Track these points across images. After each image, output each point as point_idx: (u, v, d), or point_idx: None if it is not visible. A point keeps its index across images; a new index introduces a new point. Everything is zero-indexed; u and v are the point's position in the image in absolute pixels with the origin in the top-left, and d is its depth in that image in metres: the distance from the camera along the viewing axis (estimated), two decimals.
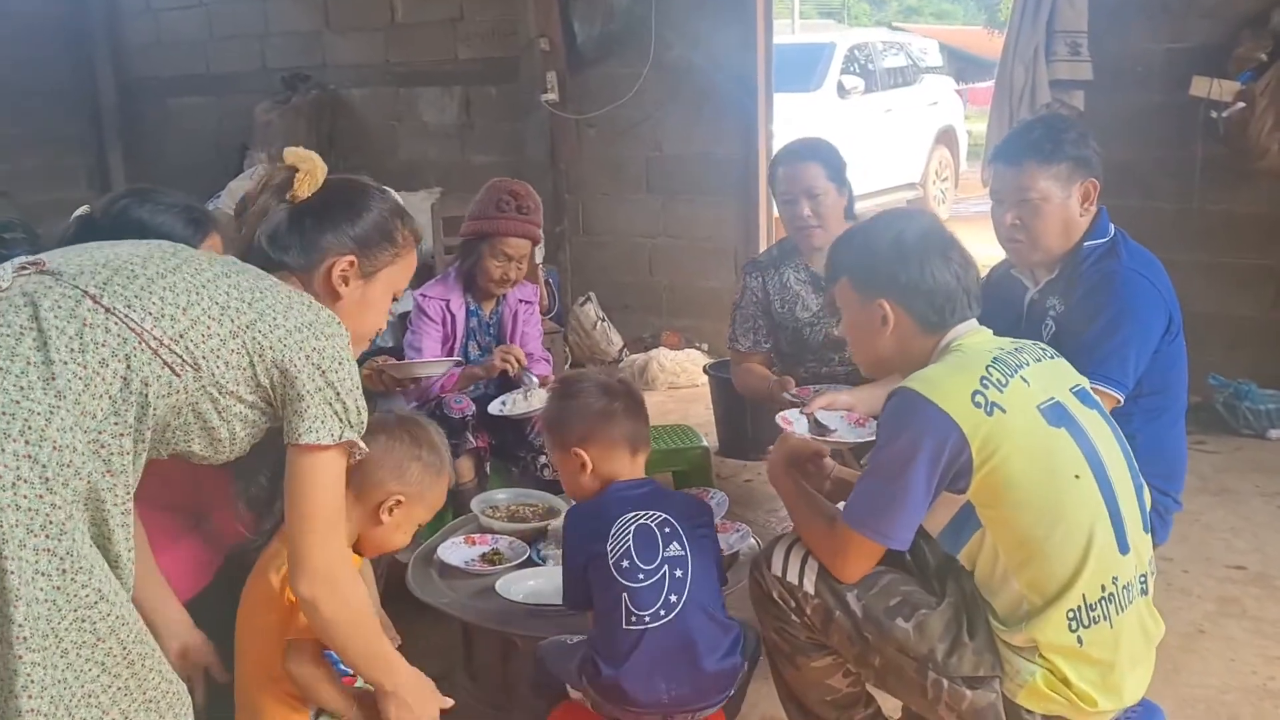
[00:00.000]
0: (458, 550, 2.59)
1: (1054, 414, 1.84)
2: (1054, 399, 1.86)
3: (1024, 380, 1.84)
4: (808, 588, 1.96)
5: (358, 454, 1.75)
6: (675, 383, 5.69)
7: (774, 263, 3.36)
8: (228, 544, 2.11)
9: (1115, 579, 1.81)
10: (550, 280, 5.63)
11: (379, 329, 2.02)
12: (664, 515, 2.03)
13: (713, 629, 1.99)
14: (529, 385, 3.27)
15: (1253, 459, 4.31)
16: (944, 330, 1.95)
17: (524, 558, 2.54)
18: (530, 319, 3.58)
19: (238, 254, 1.87)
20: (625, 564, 1.96)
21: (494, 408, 3.23)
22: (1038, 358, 1.92)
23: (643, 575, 1.96)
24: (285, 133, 6.92)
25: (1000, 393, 1.80)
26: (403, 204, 2.04)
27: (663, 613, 1.94)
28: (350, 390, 1.72)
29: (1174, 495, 2.59)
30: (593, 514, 2.06)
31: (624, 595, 1.94)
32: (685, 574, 1.97)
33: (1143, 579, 1.88)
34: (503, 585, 2.36)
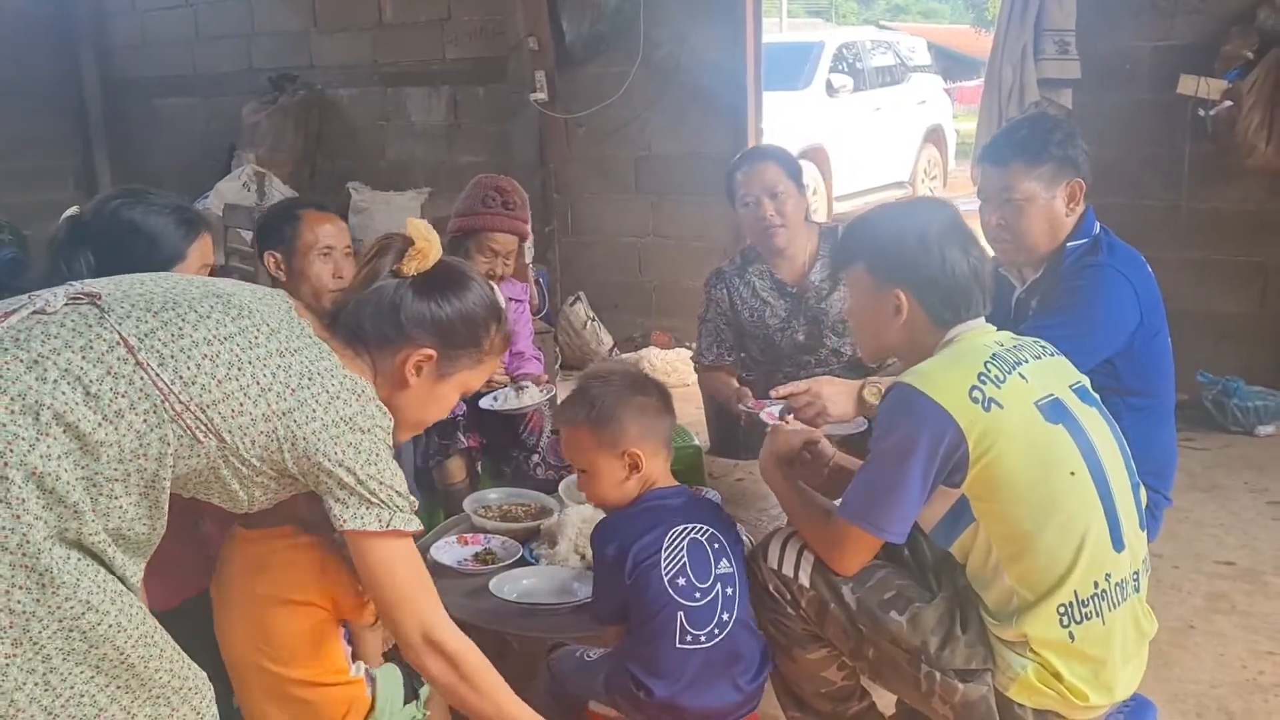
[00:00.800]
0: (450, 550, 2.58)
1: (1052, 411, 1.84)
2: (1053, 395, 1.86)
3: (1022, 377, 1.84)
4: (803, 581, 1.96)
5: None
6: (666, 382, 5.66)
7: (738, 271, 3.36)
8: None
9: (1108, 575, 1.81)
10: (540, 280, 5.63)
11: (440, 419, 1.94)
12: (712, 529, 1.98)
13: (754, 643, 1.99)
14: (519, 386, 3.28)
15: (1242, 455, 4.33)
16: (953, 326, 1.95)
17: (517, 557, 2.54)
18: (520, 317, 3.58)
19: (335, 309, 1.81)
20: (681, 581, 1.90)
21: (485, 402, 3.23)
22: (1037, 355, 1.93)
23: (699, 594, 1.91)
24: (273, 133, 6.92)
25: (998, 388, 1.80)
26: (502, 305, 1.93)
27: (716, 631, 1.92)
28: (389, 481, 1.69)
29: (1164, 492, 2.60)
30: (638, 526, 1.96)
31: (680, 614, 1.90)
32: (735, 591, 1.95)
33: (1136, 576, 1.88)
34: (496, 584, 2.36)
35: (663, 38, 5.66)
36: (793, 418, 2.37)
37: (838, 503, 2.13)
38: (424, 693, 2.03)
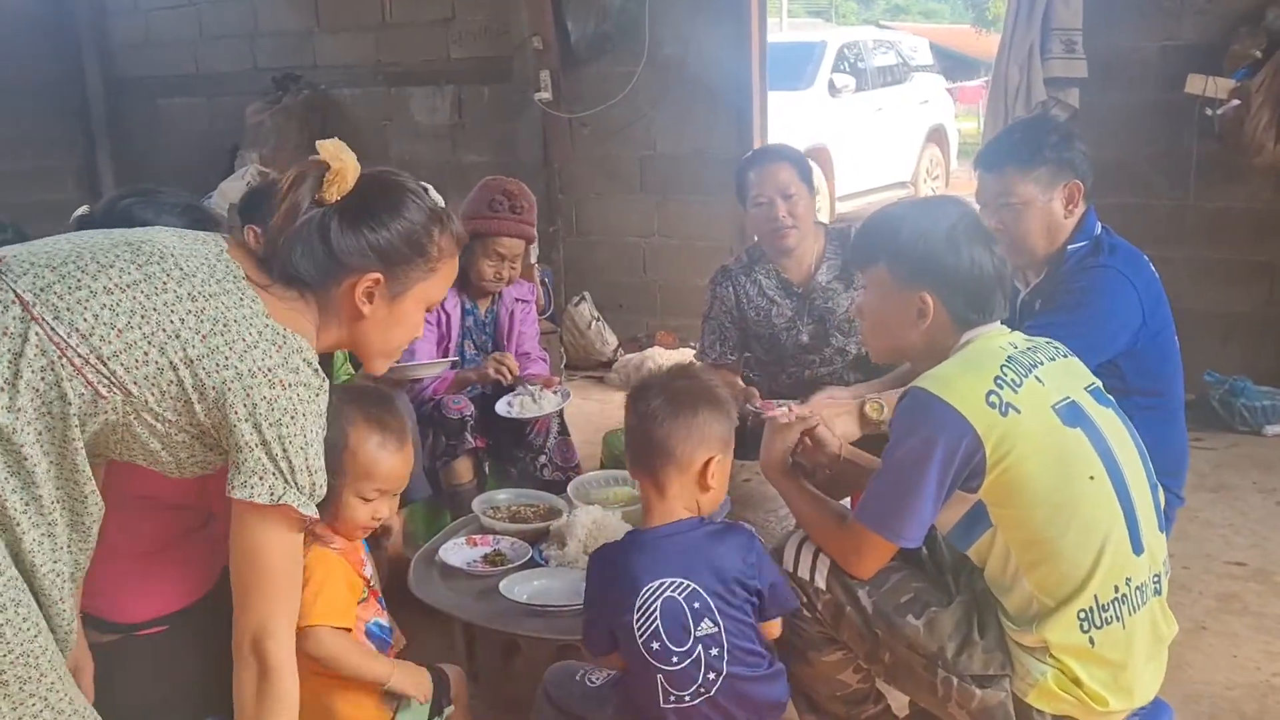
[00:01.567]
0: (459, 551, 2.58)
1: (1069, 414, 1.82)
2: (1069, 398, 1.84)
3: (1039, 380, 1.83)
4: (819, 583, 1.95)
5: (311, 525, 1.60)
6: None
7: (745, 269, 3.34)
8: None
9: (1128, 579, 1.80)
10: (545, 279, 5.62)
11: (413, 339, 1.82)
12: (693, 585, 1.81)
13: (757, 688, 1.87)
14: (529, 391, 3.26)
15: (1249, 455, 4.32)
16: (975, 327, 1.93)
17: (526, 559, 2.52)
18: (527, 318, 3.57)
19: (261, 257, 1.69)
20: (655, 646, 1.80)
21: (501, 408, 3.21)
22: (1051, 357, 1.91)
23: (675, 658, 1.81)
24: (276, 133, 6.89)
25: (1015, 393, 1.78)
26: (442, 204, 1.81)
27: (703, 691, 1.82)
28: (300, 449, 1.55)
29: (1177, 491, 2.59)
30: (625, 569, 1.85)
31: (659, 676, 1.82)
32: (721, 650, 1.82)
33: (1156, 579, 1.87)
34: (506, 586, 2.35)
35: (668, 37, 5.65)
36: (790, 408, 2.30)
37: (845, 502, 2.13)
38: (448, 711, 2.01)
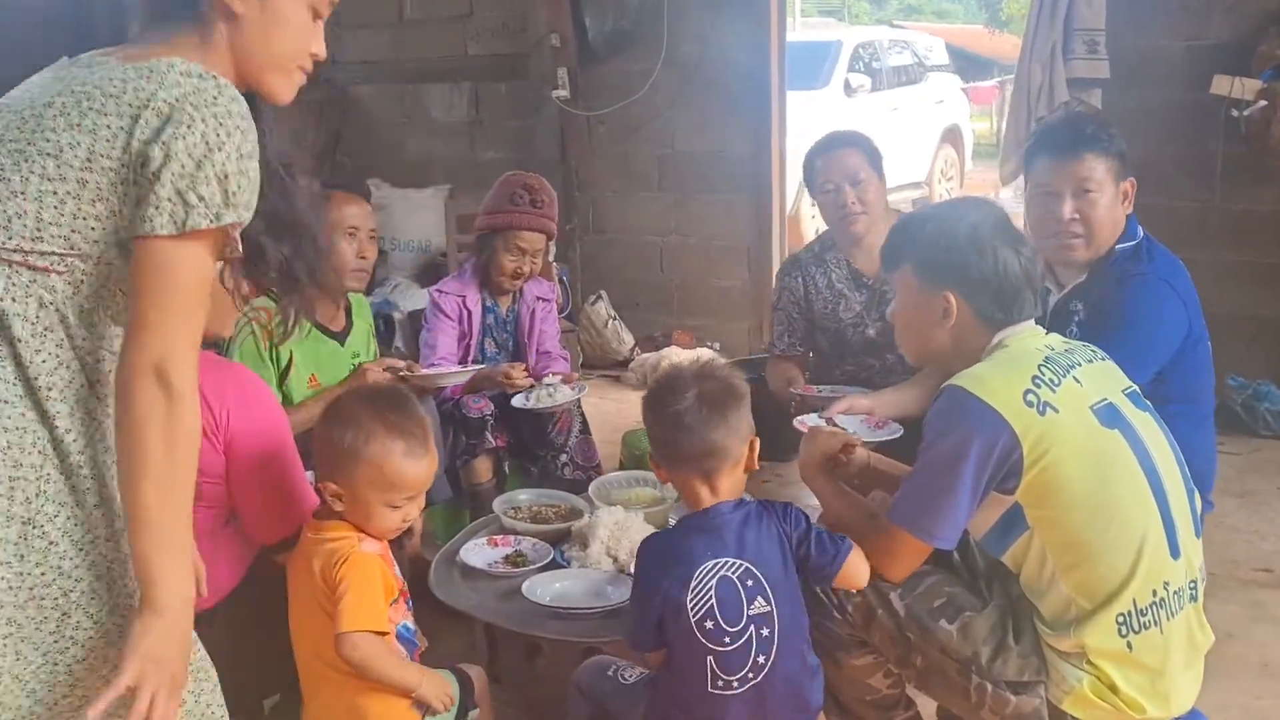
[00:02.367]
0: (480, 552, 2.55)
1: (1107, 415, 1.80)
2: (1107, 400, 1.82)
3: (1077, 380, 1.81)
4: None
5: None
6: None
7: (815, 259, 3.29)
8: (258, 541, 2.10)
9: (1167, 584, 1.78)
10: (563, 278, 5.60)
11: (309, 54, 1.54)
12: (746, 564, 1.80)
13: (803, 679, 1.86)
14: (546, 385, 3.24)
15: (1274, 460, 4.26)
16: (1003, 327, 1.91)
17: (548, 559, 2.50)
18: (548, 317, 3.55)
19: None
20: (709, 625, 1.77)
21: (518, 400, 3.20)
22: (1089, 359, 1.89)
23: (729, 639, 1.78)
24: (292, 129, 6.89)
25: (1053, 392, 1.76)
26: None
27: (750, 676, 1.80)
28: (209, 175, 1.35)
29: (1206, 496, 2.57)
30: (677, 553, 1.84)
31: (709, 659, 1.79)
32: (772, 632, 1.80)
33: (1193, 585, 1.85)
34: (529, 587, 2.32)
35: (686, 35, 5.62)
36: (833, 417, 2.33)
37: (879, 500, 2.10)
38: (473, 715, 2.00)
